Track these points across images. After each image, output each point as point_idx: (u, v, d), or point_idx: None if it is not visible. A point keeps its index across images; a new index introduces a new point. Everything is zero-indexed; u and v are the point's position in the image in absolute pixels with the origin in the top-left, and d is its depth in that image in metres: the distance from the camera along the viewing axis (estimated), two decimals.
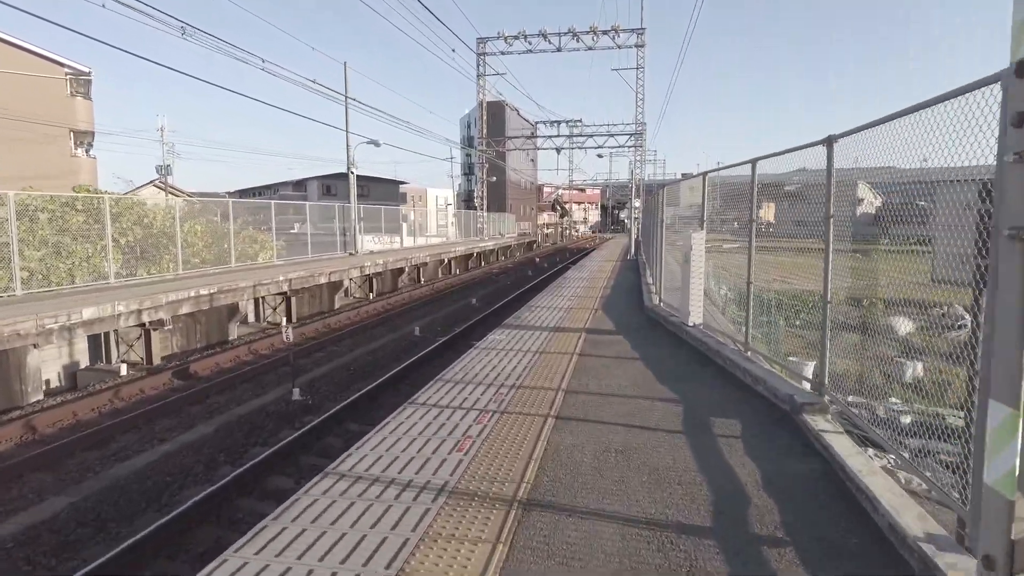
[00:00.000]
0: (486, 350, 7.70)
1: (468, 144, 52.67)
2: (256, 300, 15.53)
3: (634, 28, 36.16)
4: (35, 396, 9.23)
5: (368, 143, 24.29)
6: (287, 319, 15.15)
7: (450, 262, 29.70)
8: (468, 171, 59.49)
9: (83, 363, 10.84)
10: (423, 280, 25.56)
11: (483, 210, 43.22)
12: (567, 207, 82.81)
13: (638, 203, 35.55)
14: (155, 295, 11.32)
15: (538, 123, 44.96)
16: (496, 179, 47.60)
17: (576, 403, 5.46)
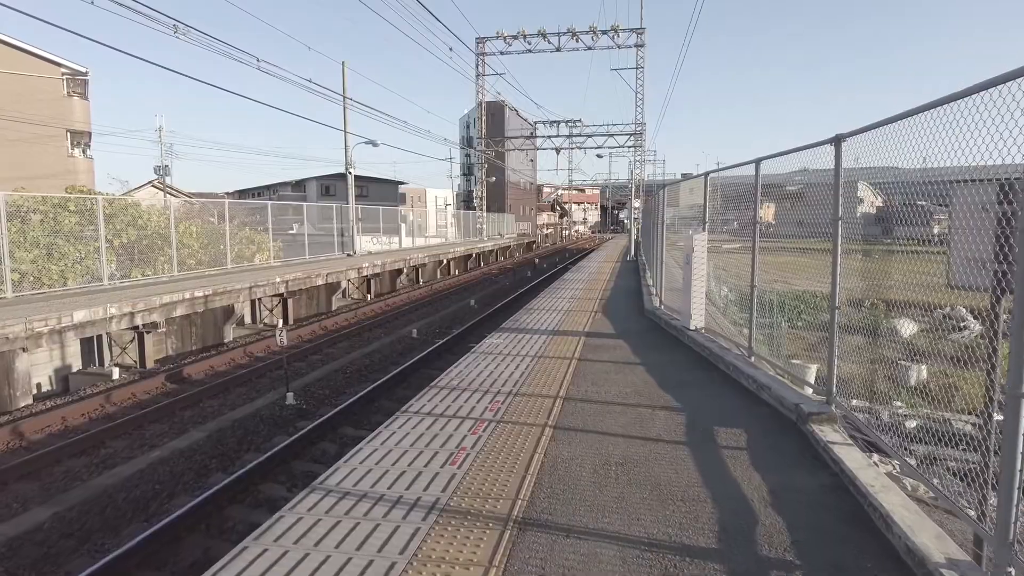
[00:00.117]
0: (483, 354, 7.52)
1: (467, 144, 52.37)
2: (252, 302, 15.36)
3: (634, 28, 35.88)
4: (24, 401, 9.05)
5: (366, 143, 24.12)
6: (283, 321, 14.96)
7: (449, 263, 29.50)
8: (467, 171, 59.25)
9: (75, 366, 10.66)
10: (422, 281, 25.38)
11: (482, 210, 42.97)
12: (566, 207, 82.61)
13: (638, 203, 35.32)
14: (149, 297, 11.16)
15: (537, 123, 44.65)
16: (495, 179, 47.36)
17: (575, 412, 5.29)
